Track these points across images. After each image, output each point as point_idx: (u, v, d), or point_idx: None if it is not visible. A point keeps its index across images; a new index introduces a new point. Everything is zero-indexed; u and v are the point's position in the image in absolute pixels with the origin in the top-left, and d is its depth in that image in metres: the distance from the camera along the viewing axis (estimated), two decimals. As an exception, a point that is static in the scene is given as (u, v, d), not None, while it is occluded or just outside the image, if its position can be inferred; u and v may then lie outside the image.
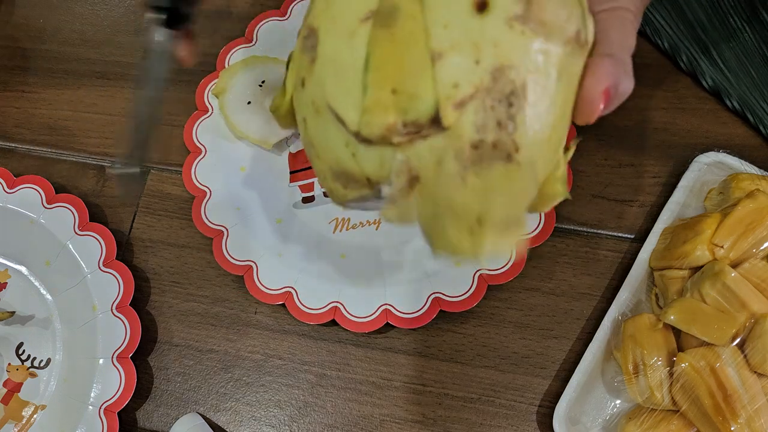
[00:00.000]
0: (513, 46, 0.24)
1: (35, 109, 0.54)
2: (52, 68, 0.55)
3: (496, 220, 0.26)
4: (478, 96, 0.24)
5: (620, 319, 0.42)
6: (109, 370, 0.44)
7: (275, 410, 0.44)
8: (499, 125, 0.24)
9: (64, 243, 0.47)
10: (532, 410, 0.43)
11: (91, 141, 0.52)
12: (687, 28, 0.49)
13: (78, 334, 0.46)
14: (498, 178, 0.25)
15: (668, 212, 0.44)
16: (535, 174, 0.26)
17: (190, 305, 0.47)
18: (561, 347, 0.44)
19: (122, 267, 0.46)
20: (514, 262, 0.43)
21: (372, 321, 0.43)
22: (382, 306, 0.43)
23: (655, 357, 0.39)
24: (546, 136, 0.25)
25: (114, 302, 0.45)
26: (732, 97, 0.48)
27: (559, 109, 0.26)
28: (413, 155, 0.25)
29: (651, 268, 0.44)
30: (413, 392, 0.44)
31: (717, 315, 0.38)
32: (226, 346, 0.46)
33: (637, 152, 0.48)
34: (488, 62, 0.24)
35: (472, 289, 0.43)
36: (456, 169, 0.25)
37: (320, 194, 0.48)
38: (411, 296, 0.44)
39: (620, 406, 0.42)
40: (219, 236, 0.46)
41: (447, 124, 0.24)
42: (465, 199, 0.25)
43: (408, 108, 0.24)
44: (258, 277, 0.45)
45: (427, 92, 0.24)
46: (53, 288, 0.48)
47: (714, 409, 0.37)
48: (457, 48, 0.24)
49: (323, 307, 0.44)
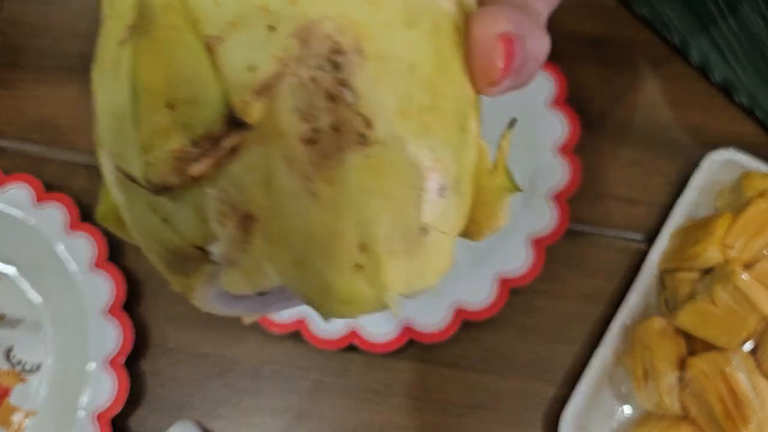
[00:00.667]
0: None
1: (26, 106, 0.53)
2: (43, 64, 0.55)
3: (389, 236, 0.18)
4: (288, 70, 0.17)
5: (629, 323, 0.42)
6: (101, 376, 0.43)
7: (272, 417, 0.44)
8: (332, 98, 0.17)
9: (54, 243, 0.46)
10: (537, 417, 0.42)
11: (82, 138, 0.51)
12: (697, 22, 0.49)
13: (69, 338, 0.45)
14: (359, 173, 0.17)
15: (679, 212, 0.44)
16: (410, 153, 0.18)
17: (185, 308, 0.46)
18: (567, 352, 0.43)
19: (114, 269, 0.45)
20: (534, 262, 0.42)
21: (393, 340, 0.42)
22: (402, 322, 0.42)
23: (665, 362, 0.39)
24: (409, 95, 0.18)
25: (106, 305, 0.44)
26: (741, 93, 0.47)
27: (429, 60, 0.18)
28: (228, 184, 0.18)
29: (660, 270, 0.43)
30: (414, 399, 0.43)
31: (728, 318, 0.38)
32: (222, 350, 0.45)
33: (645, 150, 0.47)
34: (287, 24, 0.17)
35: (494, 295, 0.42)
36: (295, 183, 0.17)
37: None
38: (430, 308, 0.42)
39: (629, 412, 0.41)
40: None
41: (253, 119, 0.17)
42: (326, 223, 0.18)
43: (191, 119, 0.17)
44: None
45: (210, 89, 0.17)
46: (43, 290, 0.47)
47: (724, 415, 0.37)
48: (239, 23, 0.17)
49: (340, 332, 0.43)
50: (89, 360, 0.43)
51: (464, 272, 0.43)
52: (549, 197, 0.44)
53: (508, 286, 0.42)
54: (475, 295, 0.42)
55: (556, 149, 0.45)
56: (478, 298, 0.42)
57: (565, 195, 0.44)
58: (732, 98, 0.47)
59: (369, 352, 0.43)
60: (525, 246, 0.43)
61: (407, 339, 0.42)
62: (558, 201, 0.44)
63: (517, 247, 0.43)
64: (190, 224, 0.19)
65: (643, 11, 0.50)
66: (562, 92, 0.46)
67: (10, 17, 0.57)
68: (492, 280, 0.42)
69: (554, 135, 0.45)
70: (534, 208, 0.44)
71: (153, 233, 0.20)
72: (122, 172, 0.19)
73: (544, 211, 0.44)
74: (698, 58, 0.48)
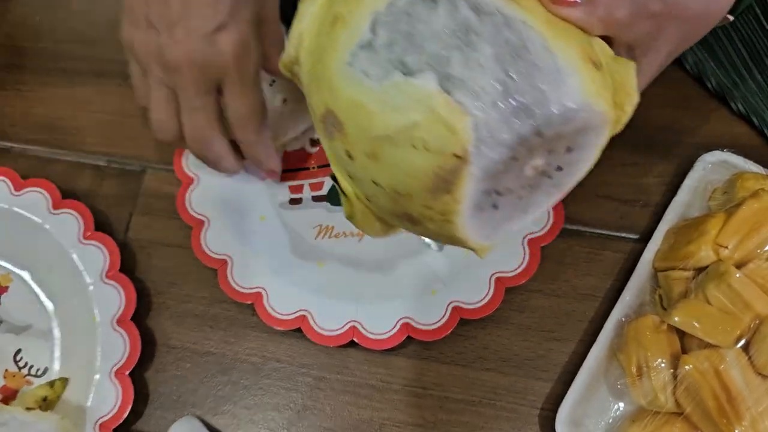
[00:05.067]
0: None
1: (31, 108, 0.53)
2: (48, 66, 0.55)
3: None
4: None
5: (624, 320, 0.42)
6: (106, 386, 0.43)
7: (273, 413, 0.44)
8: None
9: (68, 251, 0.46)
10: (534, 413, 0.43)
11: (87, 140, 0.52)
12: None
13: (77, 346, 0.45)
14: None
15: (673, 212, 0.44)
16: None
17: (188, 307, 0.47)
18: (563, 349, 0.44)
19: (125, 280, 0.45)
20: (529, 261, 0.43)
21: (392, 337, 0.43)
22: (401, 320, 0.43)
23: (659, 359, 0.39)
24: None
25: (115, 315, 0.44)
26: (737, 100, 0.47)
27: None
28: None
29: (655, 269, 0.43)
30: (413, 395, 0.44)
31: (721, 316, 0.38)
32: (224, 348, 0.46)
33: (641, 151, 0.47)
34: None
35: (490, 294, 0.43)
36: None
37: (309, 198, 0.48)
38: (428, 307, 0.43)
39: (624, 408, 0.41)
40: (222, 265, 0.45)
41: None
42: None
43: None
44: (269, 303, 0.44)
45: None
46: (55, 296, 0.47)
47: (718, 412, 0.37)
48: None
49: (341, 328, 0.43)
50: (95, 368, 0.44)
51: (463, 272, 0.44)
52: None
53: (504, 285, 0.43)
54: (472, 294, 0.43)
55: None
56: (475, 298, 0.43)
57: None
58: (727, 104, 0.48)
59: (369, 350, 0.44)
60: (521, 246, 0.44)
61: (405, 336, 0.43)
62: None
63: (514, 247, 0.44)
64: (445, 137, 0.24)
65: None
66: None
67: (16, 20, 0.57)
68: (489, 279, 0.43)
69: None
70: None
71: (417, 167, 0.24)
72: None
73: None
74: (694, 65, 0.49)
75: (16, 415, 0.42)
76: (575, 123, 0.25)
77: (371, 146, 0.25)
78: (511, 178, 0.26)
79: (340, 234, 0.46)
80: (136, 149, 0.51)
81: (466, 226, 0.26)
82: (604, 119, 0.26)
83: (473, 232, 0.27)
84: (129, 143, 0.51)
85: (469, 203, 0.25)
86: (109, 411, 0.43)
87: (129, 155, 0.51)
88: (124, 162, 0.51)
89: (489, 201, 0.26)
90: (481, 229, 0.27)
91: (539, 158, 0.26)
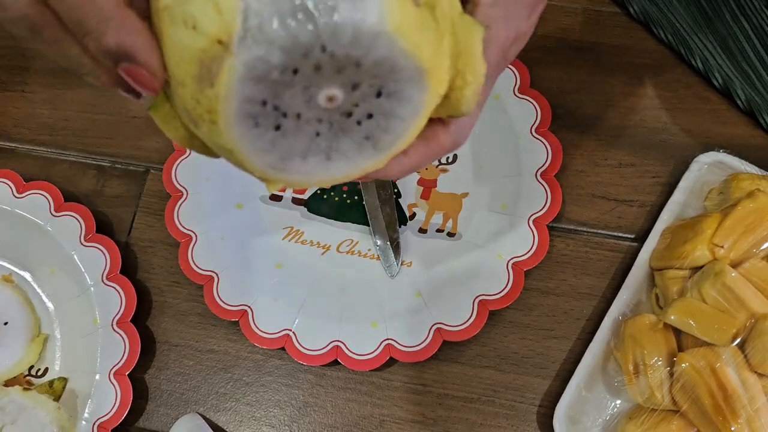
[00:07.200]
0: None
1: (35, 109, 0.54)
2: (51, 68, 0.55)
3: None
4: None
5: (620, 319, 0.42)
6: (105, 387, 0.43)
7: (275, 410, 0.44)
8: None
9: (70, 253, 0.46)
10: (532, 410, 0.43)
11: (91, 141, 0.52)
12: (697, 25, 0.49)
13: (77, 347, 0.46)
14: None
15: (668, 212, 0.44)
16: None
17: (190, 305, 0.47)
18: (561, 347, 0.44)
19: (125, 282, 0.45)
20: (512, 285, 0.43)
21: (375, 358, 0.43)
22: (384, 341, 0.43)
23: (656, 357, 0.39)
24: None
25: (115, 317, 0.45)
26: (740, 96, 0.48)
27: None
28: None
29: (651, 268, 0.44)
30: (413, 392, 0.44)
31: (717, 315, 0.38)
32: (226, 346, 0.46)
33: (637, 152, 0.48)
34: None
35: (473, 317, 0.43)
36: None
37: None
38: (412, 329, 0.43)
39: (620, 406, 0.42)
40: (210, 282, 0.46)
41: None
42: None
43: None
44: (254, 322, 0.45)
45: None
46: (55, 297, 0.47)
47: (714, 409, 0.37)
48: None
49: (324, 348, 0.44)
50: (95, 370, 0.44)
51: (446, 295, 0.44)
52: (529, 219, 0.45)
53: (487, 309, 0.43)
54: (455, 317, 0.43)
55: (539, 174, 0.46)
56: (458, 320, 0.43)
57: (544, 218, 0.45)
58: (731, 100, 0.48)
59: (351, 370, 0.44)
60: (506, 269, 0.44)
61: (388, 357, 0.43)
62: (537, 224, 0.45)
63: (499, 270, 0.44)
64: (211, 18, 0.21)
65: (639, 14, 0.51)
66: (546, 119, 0.47)
67: (20, 22, 0.57)
68: (473, 302, 0.43)
69: (536, 162, 0.46)
70: (516, 230, 0.45)
71: (185, 49, 0.22)
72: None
73: (525, 234, 0.45)
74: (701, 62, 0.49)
75: (14, 397, 0.42)
76: (373, 54, 0.22)
77: (157, 19, 0.23)
78: (298, 100, 0.22)
79: (307, 242, 0.47)
80: (139, 150, 0.51)
81: (236, 136, 0.23)
82: (418, 67, 0.22)
83: (248, 148, 0.23)
84: (132, 144, 0.51)
85: (234, 105, 0.22)
86: (108, 411, 0.43)
87: (132, 156, 0.51)
88: (128, 163, 0.51)
89: (267, 116, 0.23)
90: (262, 151, 0.24)
91: (335, 87, 0.22)
